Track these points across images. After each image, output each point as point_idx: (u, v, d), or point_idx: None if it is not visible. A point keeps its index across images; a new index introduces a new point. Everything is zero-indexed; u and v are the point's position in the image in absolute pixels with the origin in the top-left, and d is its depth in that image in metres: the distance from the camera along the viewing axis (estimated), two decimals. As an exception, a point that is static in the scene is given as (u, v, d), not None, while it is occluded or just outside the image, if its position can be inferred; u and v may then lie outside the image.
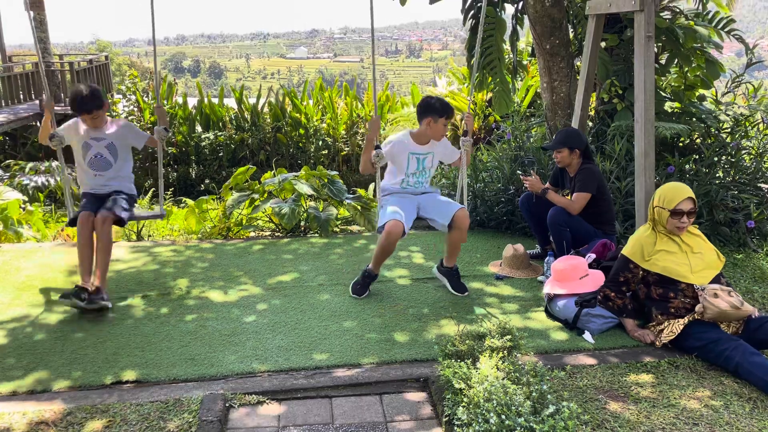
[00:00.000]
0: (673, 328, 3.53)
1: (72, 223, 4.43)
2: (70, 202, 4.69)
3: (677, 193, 3.62)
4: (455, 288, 4.47)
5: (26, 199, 6.93)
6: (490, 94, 10.20)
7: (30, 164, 9.30)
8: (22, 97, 14.06)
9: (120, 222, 4.42)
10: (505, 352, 3.08)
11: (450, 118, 4.40)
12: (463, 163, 4.55)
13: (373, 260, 4.43)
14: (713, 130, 5.69)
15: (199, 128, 12.62)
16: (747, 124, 5.77)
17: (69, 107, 4.47)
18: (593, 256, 4.34)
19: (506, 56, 6.41)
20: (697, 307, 3.49)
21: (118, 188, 4.61)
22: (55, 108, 5.25)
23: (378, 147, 4.30)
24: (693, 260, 3.62)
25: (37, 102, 13.35)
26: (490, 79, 6.40)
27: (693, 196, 3.65)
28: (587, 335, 3.77)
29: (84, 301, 4.03)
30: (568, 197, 4.79)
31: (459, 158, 4.59)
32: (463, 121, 4.74)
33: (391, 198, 4.44)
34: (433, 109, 4.34)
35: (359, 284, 4.44)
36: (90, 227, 4.28)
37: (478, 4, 6.27)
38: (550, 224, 4.72)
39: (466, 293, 4.44)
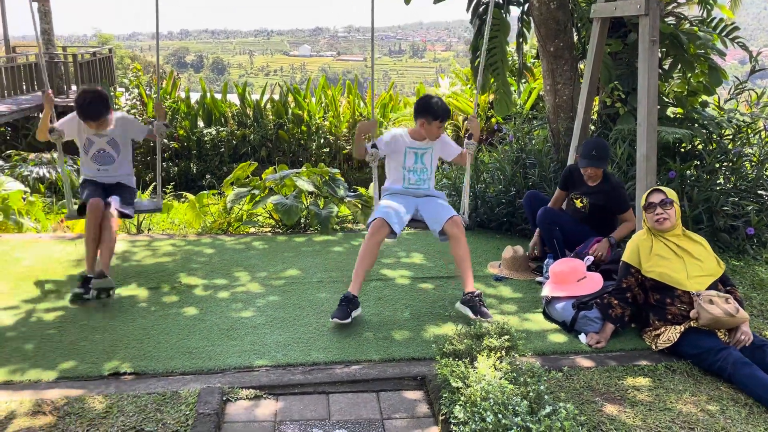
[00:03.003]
0: (670, 335, 3.53)
1: (80, 210, 4.46)
2: (69, 195, 4.65)
3: (647, 191, 3.80)
4: (477, 313, 3.96)
5: (27, 189, 6.93)
6: (492, 96, 10.22)
7: (31, 155, 9.30)
8: (24, 88, 14.05)
9: (126, 216, 4.57)
10: (503, 352, 3.08)
11: (445, 121, 4.33)
12: (467, 167, 4.46)
13: (354, 272, 4.05)
14: (715, 137, 5.70)
15: (201, 123, 12.63)
16: (749, 131, 5.78)
17: (74, 106, 4.42)
18: (591, 258, 4.35)
19: (510, 58, 6.40)
20: (692, 313, 3.50)
21: (121, 180, 4.68)
22: (57, 100, 5.26)
23: (374, 146, 4.26)
24: (690, 266, 3.63)
25: (40, 93, 13.34)
26: (492, 80, 6.40)
27: (663, 189, 3.73)
28: (584, 337, 3.77)
29: (91, 290, 4.13)
30: (578, 201, 4.78)
31: (459, 155, 4.47)
32: (466, 123, 4.60)
33: (389, 196, 4.36)
34: (428, 111, 4.26)
35: (337, 310, 3.92)
36: (99, 214, 4.28)
37: (483, 6, 6.27)
38: (540, 223, 4.73)
39: (490, 318, 3.90)
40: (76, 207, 4.56)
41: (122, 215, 4.49)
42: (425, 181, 4.41)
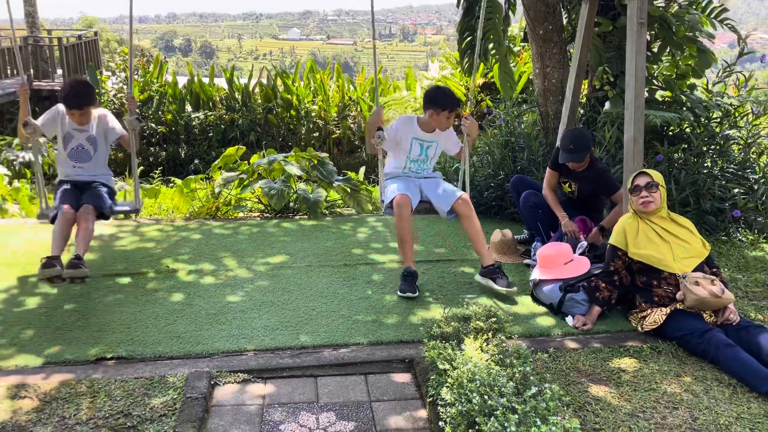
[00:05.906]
0: (656, 317, 3.56)
1: (52, 220, 4.14)
2: (43, 193, 4.38)
3: (633, 174, 3.85)
4: (502, 284, 4.11)
5: (11, 174, 6.84)
6: (483, 79, 10.17)
7: (17, 139, 9.18)
8: (9, 72, 13.85)
9: (103, 216, 4.34)
10: (489, 334, 3.09)
11: (453, 111, 4.32)
12: (465, 156, 4.48)
13: (401, 253, 4.28)
14: (703, 120, 5.71)
15: (189, 108, 12.52)
16: (737, 114, 5.79)
17: (60, 95, 4.36)
18: (585, 244, 4.36)
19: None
20: (678, 294, 3.52)
21: (97, 179, 4.48)
22: (42, 84, 5.23)
23: (380, 129, 4.27)
24: (676, 249, 3.65)
25: (25, 77, 13.16)
26: (493, 61, 6.35)
27: (650, 173, 3.75)
28: (571, 320, 3.79)
29: (60, 267, 3.77)
30: (566, 186, 4.78)
31: (460, 152, 4.56)
32: (463, 123, 4.53)
33: (393, 180, 4.42)
34: (435, 102, 4.28)
35: (403, 285, 4.16)
36: (71, 222, 4.10)
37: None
38: (523, 208, 4.74)
39: (515, 288, 4.12)
40: (50, 208, 4.31)
41: (99, 215, 4.28)
42: (425, 170, 4.51)
